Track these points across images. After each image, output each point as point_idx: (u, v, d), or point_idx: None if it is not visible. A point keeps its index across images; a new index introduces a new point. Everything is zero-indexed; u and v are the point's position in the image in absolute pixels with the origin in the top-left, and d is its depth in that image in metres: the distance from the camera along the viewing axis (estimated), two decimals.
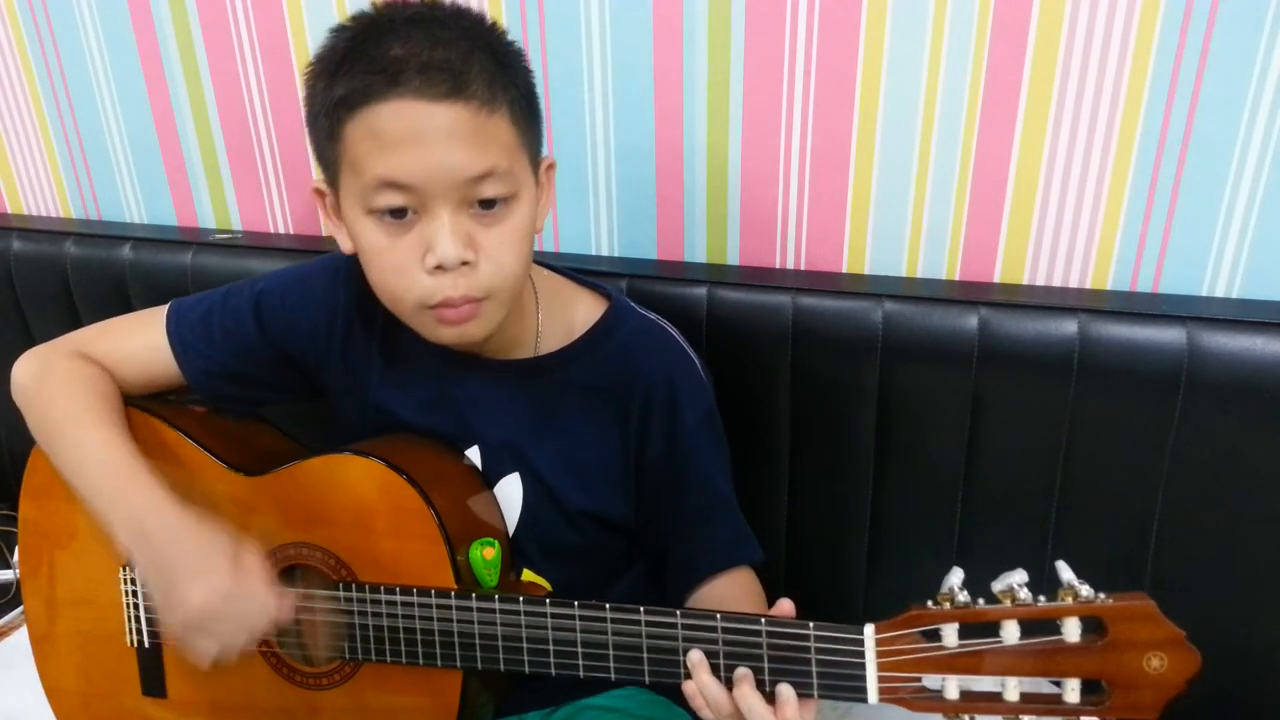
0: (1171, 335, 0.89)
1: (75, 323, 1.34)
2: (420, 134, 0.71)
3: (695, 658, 0.71)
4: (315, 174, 0.84)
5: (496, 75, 0.74)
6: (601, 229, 1.16)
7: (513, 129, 0.75)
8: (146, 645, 0.91)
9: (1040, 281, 1.01)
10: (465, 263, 0.74)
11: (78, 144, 1.40)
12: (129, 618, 0.91)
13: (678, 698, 0.94)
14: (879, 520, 1.04)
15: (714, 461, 0.89)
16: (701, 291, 1.02)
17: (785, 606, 0.72)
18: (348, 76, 0.72)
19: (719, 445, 0.90)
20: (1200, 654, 0.61)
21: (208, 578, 0.75)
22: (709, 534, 0.88)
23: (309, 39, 1.19)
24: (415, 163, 0.72)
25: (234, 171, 1.31)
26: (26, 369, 0.89)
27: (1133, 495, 0.94)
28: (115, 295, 1.29)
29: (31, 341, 1.39)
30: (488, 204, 0.75)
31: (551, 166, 0.84)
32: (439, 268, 0.74)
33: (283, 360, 0.91)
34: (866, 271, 1.07)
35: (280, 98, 1.24)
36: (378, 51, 0.72)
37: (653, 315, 0.91)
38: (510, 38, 0.79)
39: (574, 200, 1.15)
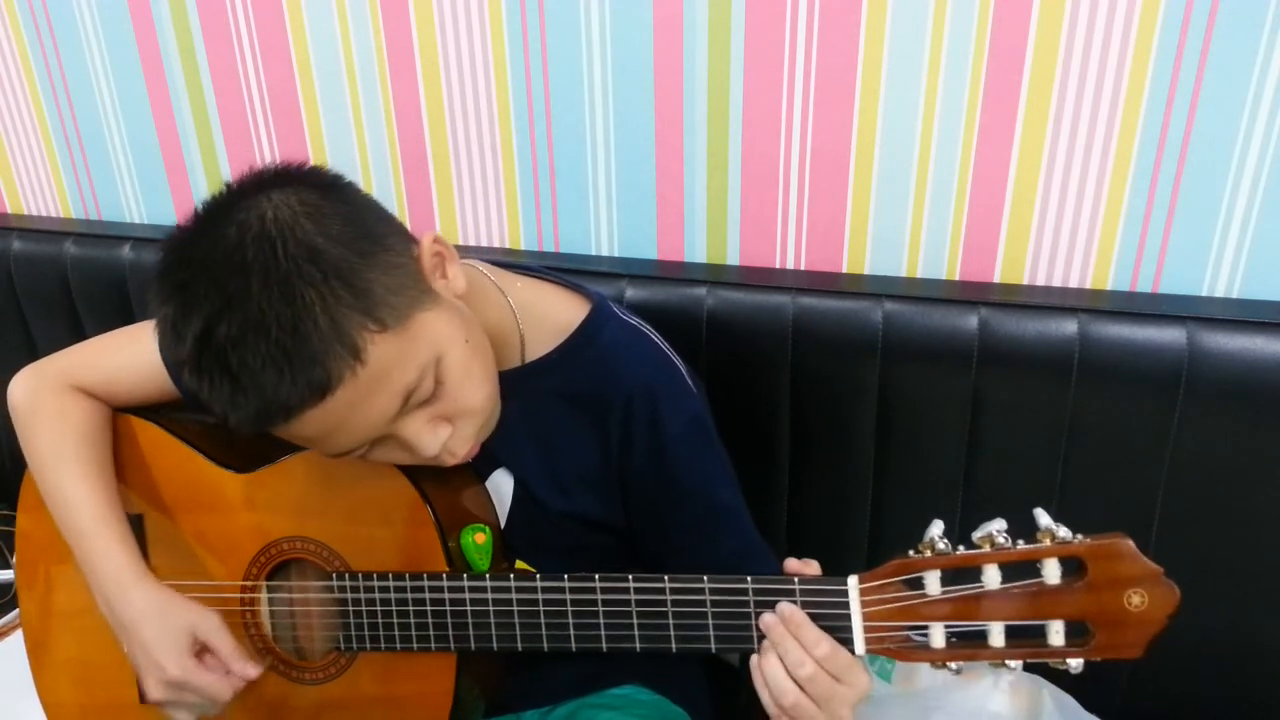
0: (1171, 335, 0.89)
1: (75, 323, 1.35)
2: (335, 427, 0.68)
3: (770, 620, 0.69)
4: None
5: (333, 329, 0.64)
6: (601, 229, 1.16)
7: (390, 339, 0.67)
8: None
9: (1040, 281, 1.01)
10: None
11: (78, 144, 1.40)
12: None
13: (676, 695, 0.94)
14: (879, 520, 1.04)
15: (706, 469, 0.85)
16: (701, 291, 1.02)
17: (793, 565, 0.72)
18: (226, 406, 0.66)
19: (711, 453, 0.86)
20: (1179, 591, 0.62)
21: (158, 672, 0.80)
22: (710, 547, 0.84)
23: (309, 39, 1.19)
24: (349, 440, 0.70)
25: (234, 171, 1.30)
26: (20, 393, 0.89)
27: (1133, 495, 0.94)
28: (115, 295, 1.29)
29: (31, 342, 1.40)
30: None
31: (436, 240, 0.74)
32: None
33: None
34: (866, 271, 1.06)
35: (280, 98, 1.24)
36: (230, 392, 0.65)
37: (634, 320, 0.88)
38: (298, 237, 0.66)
39: (574, 200, 1.15)
